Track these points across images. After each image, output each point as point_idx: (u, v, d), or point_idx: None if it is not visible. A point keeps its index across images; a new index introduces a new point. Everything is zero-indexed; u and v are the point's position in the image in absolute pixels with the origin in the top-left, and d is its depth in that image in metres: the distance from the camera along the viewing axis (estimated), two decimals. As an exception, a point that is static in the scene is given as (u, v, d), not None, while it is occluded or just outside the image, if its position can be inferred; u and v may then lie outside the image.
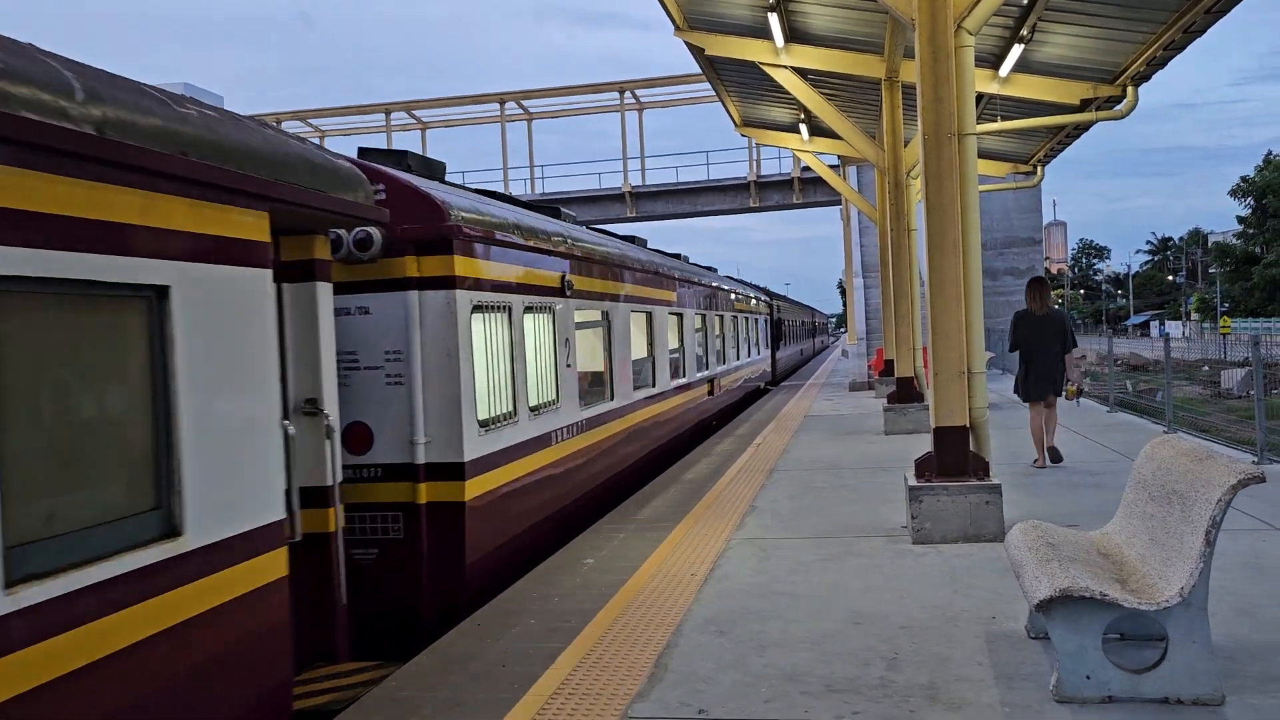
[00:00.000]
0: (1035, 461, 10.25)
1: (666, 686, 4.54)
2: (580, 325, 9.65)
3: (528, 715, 4.28)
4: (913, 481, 7.24)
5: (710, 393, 16.99)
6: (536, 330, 8.34)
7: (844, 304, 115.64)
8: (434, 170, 7.68)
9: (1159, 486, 4.49)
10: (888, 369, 18.73)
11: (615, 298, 11.05)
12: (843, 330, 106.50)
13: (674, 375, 14.14)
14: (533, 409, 7.96)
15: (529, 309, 8.04)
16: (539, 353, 8.36)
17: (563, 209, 10.70)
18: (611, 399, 10.61)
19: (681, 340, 15.08)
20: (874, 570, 6.47)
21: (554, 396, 8.60)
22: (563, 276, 8.97)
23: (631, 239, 14.64)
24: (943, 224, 7.30)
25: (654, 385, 12.80)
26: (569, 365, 9.02)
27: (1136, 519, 4.66)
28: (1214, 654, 3.99)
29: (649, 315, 12.88)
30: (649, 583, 6.40)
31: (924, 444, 12.22)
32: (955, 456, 7.18)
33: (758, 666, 4.74)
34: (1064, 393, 10.68)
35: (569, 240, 9.38)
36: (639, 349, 12.28)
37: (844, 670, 4.64)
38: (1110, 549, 4.72)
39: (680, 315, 15.02)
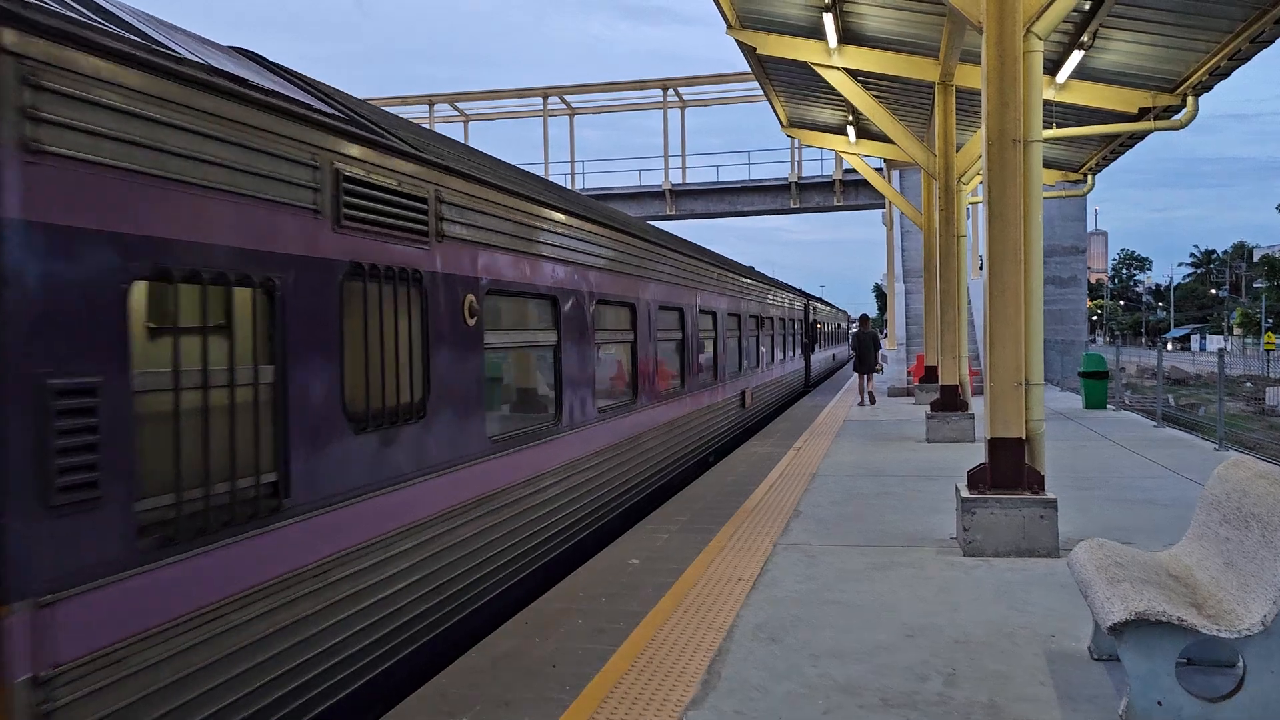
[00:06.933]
0: (859, 402, 20.20)
1: (721, 695, 4.47)
2: None
3: (582, 718, 4.24)
4: (965, 492, 7.11)
5: None
6: None
7: (880, 308, 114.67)
8: None
9: (1234, 509, 4.35)
10: (928, 375, 18.51)
11: None
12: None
13: None
14: None
15: None
16: None
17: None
18: None
19: None
20: (924, 581, 6.37)
21: None
22: None
23: None
24: (1004, 231, 7.16)
25: None
26: None
27: (1209, 541, 4.53)
28: (1292, 685, 3.87)
29: None
30: (696, 586, 6.34)
31: (967, 452, 12.14)
32: (1010, 469, 7.04)
33: (811, 677, 4.67)
34: (877, 368, 21.58)
35: None
36: None
37: (900, 684, 4.55)
38: (1180, 571, 4.59)
39: None
